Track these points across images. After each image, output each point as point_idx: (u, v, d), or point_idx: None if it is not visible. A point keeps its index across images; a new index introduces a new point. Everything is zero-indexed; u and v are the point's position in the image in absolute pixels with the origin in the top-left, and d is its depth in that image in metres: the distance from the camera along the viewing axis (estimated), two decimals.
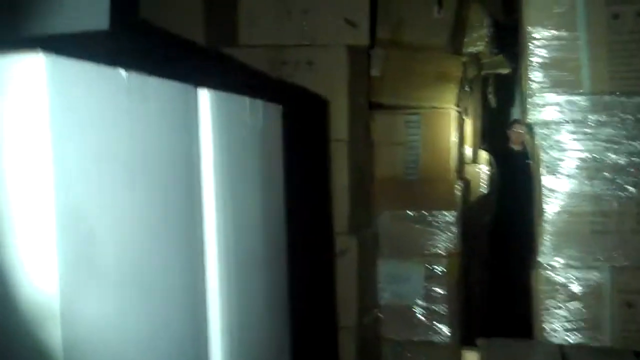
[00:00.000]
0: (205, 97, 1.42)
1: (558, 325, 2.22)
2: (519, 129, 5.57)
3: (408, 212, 3.56)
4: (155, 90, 1.23)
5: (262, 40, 3.18)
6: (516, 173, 4.96)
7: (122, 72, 1.13)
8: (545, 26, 2.16)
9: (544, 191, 2.21)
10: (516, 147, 5.58)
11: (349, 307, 3.24)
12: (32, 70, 0.95)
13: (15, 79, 0.96)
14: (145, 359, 1.18)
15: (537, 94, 2.18)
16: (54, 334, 0.96)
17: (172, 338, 1.29)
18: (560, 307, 2.21)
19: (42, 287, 0.95)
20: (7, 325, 0.98)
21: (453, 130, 3.51)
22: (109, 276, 1.08)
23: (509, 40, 4.11)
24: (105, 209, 1.07)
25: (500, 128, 5.53)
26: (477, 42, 3.79)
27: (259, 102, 1.67)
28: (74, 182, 0.99)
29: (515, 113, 6.51)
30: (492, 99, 4.60)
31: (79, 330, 1.00)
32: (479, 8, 3.79)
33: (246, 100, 1.60)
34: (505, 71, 4.17)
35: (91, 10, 1.96)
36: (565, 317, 2.21)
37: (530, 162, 4.95)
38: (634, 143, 2.10)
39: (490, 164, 4.47)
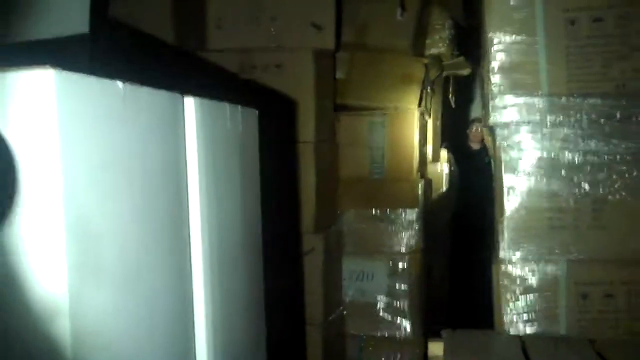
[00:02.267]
0: (190, 104, 1.49)
1: (517, 316, 2.33)
2: (477, 128, 5.72)
3: (372, 210, 3.66)
4: (147, 99, 1.31)
5: (231, 44, 3.25)
6: (475, 171, 5.11)
7: (119, 83, 1.20)
8: (505, 31, 2.26)
9: (504, 189, 2.31)
10: (474, 146, 5.73)
11: (316, 304, 3.33)
12: (41, 83, 1.02)
13: (26, 92, 1.02)
14: (142, 349, 1.26)
15: (497, 96, 2.29)
16: (63, 329, 1.04)
17: (163, 331, 1.37)
18: (519, 300, 2.32)
19: (52, 285, 1.03)
20: (20, 320, 1.05)
21: (416, 130, 3.62)
22: (110, 274, 1.15)
23: (469, 42, 4.25)
24: (108, 212, 1.15)
25: (459, 127, 5.66)
26: (439, 44, 3.89)
27: (237, 108, 1.75)
28: (80, 188, 1.06)
29: (474, 112, 6.67)
30: (452, 99, 4.73)
31: (85, 324, 1.07)
32: (440, 11, 3.89)
33: (226, 106, 1.68)
34: (465, 72, 4.29)
35: (71, 14, 2.02)
36: (524, 308, 2.32)
37: (489, 160, 5.12)
38: (589, 142, 2.21)
39: (450, 162, 4.60)
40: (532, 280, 2.30)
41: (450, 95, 4.69)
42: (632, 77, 2.16)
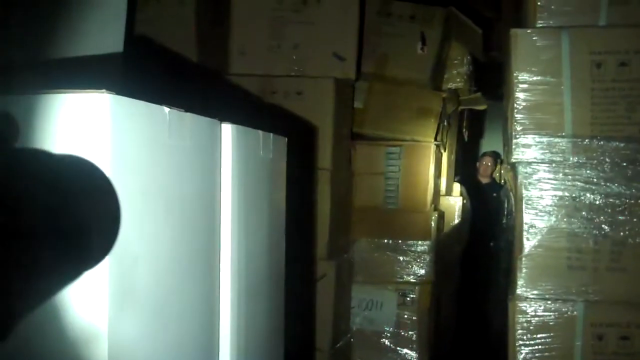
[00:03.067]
0: (227, 130, 1.51)
1: (532, 354, 2.32)
2: (487, 162, 5.75)
3: (384, 240, 3.68)
4: (188, 124, 1.33)
5: (252, 70, 3.29)
6: (484, 205, 5.13)
7: (166, 108, 1.23)
8: (531, 71, 2.28)
9: (525, 227, 2.32)
10: (484, 180, 5.76)
11: (325, 330, 3.33)
12: (97, 107, 1.04)
13: (81, 115, 1.04)
14: None
15: (521, 135, 2.30)
16: (101, 352, 1.05)
17: (189, 357, 1.38)
18: (534, 338, 2.32)
19: (92, 308, 1.04)
20: (58, 344, 1.06)
21: (431, 163, 3.65)
22: (144, 299, 1.17)
23: (487, 78, 4.29)
24: (145, 236, 1.16)
25: (471, 161, 5.69)
26: (457, 79, 3.94)
27: (269, 135, 1.77)
28: (124, 215, 1.08)
29: (483, 146, 6.71)
30: (465, 133, 4.76)
31: (121, 348, 1.08)
32: (460, 46, 3.94)
33: (259, 133, 1.70)
34: (482, 107, 4.33)
35: (106, 33, 2.04)
36: (538, 347, 2.32)
37: (497, 194, 5.13)
38: (610, 185, 2.23)
39: (462, 195, 4.62)
40: (548, 319, 2.30)
41: (464, 129, 4.72)
42: None
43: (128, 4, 2.03)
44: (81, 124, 1.04)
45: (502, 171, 6.52)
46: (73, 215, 1.01)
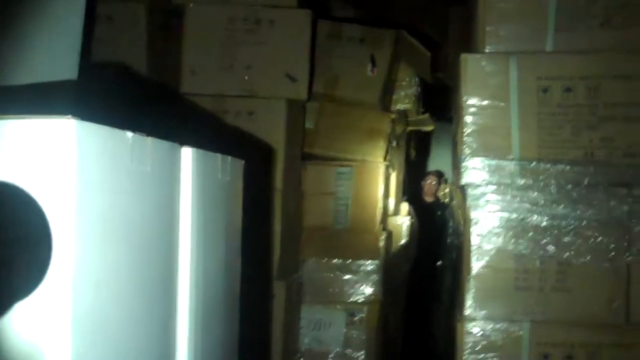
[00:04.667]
0: (187, 155, 1.52)
1: None
2: (431, 182, 5.84)
3: (333, 260, 3.70)
4: (150, 149, 1.33)
5: (204, 90, 3.29)
6: (428, 224, 5.21)
7: (129, 133, 1.23)
8: (480, 96, 2.34)
9: (473, 248, 2.37)
10: (428, 199, 5.84)
11: (275, 351, 3.33)
12: (62, 132, 1.04)
13: (45, 140, 1.04)
14: None
15: (469, 158, 2.36)
16: None
17: None
18: (481, 358, 2.37)
19: (55, 339, 1.03)
20: None
21: (381, 183, 3.69)
22: (108, 325, 1.17)
23: (434, 99, 4.38)
24: (108, 264, 1.16)
25: (417, 180, 5.77)
26: (405, 100, 4.01)
27: (227, 158, 1.78)
28: (88, 238, 1.08)
29: (430, 166, 6.81)
30: (412, 153, 4.83)
31: None
32: (408, 68, 4.02)
33: (218, 157, 1.71)
34: (429, 128, 4.41)
35: (60, 59, 2.03)
36: None
37: (441, 213, 5.21)
38: (556, 207, 2.30)
39: (410, 214, 4.68)
40: (495, 339, 2.35)
41: (411, 150, 4.79)
42: (600, 146, 2.26)
43: (84, 31, 2.03)
44: (46, 149, 1.04)
45: (446, 190, 6.63)
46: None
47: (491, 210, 2.36)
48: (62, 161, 1.04)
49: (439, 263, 5.26)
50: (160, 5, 3.37)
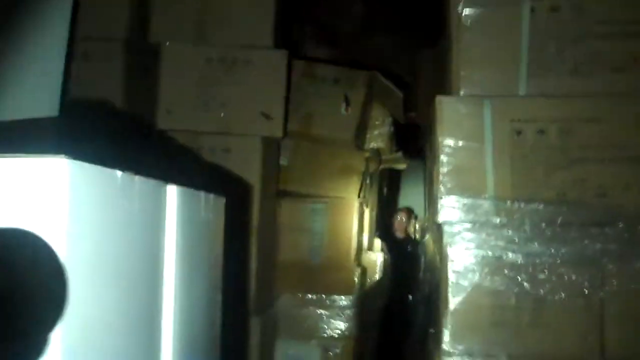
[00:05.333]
0: (172, 192, 1.54)
1: None
2: (401, 218, 5.90)
3: (308, 295, 3.71)
4: (138, 188, 1.34)
5: (179, 126, 3.31)
6: (400, 259, 5.24)
7: (118, 172, 1.24)
8: (455, 137, 2.39)
9: (450, 284, 2.40)
10: (399, 235, 5.89)
11: None
12: (55, 172, 1.05)
13: (37, 180, 1.05)
14: None
15: (445, 196, 2.40)
16: None
17: None
18: None
19: None
20: None
21: (355, 219, 3.73)
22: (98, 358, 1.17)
23: (406, 138, 4.44)
24: (97, 303, 1.17)
25: (388, 217, 5.82)
26: (378, 139, 4.07)
27: (210, 196, 1.80)
28: (79, 278, 1.08)
29: (401, 202, 6.87)
30: (384, 190, 4.88)
31: None
32: (381, 108, 4.08)
33: (202, 194, 1.73)
34: (402, 167, 4.47)
35: (41, 97, 2.04)
36: None
37: (412, 249, 5.24)
38: (531, 245, 2.34)
39: (383, 250, 4.71)
40: None
41: (383, 187, 4.84)
42: (572, 186, 2.31)
43: (65, 68, 2.04)
44: (38, 189, 1.04)
45: (416, 226, 6.69)
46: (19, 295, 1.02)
47: (467, 248, 2.39)
48: (55, 201, 1.04)
49: (410, 298, 5.28)
50: (136, 44, 3.39)
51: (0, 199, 1.05)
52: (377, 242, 4.75)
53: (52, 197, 1.04)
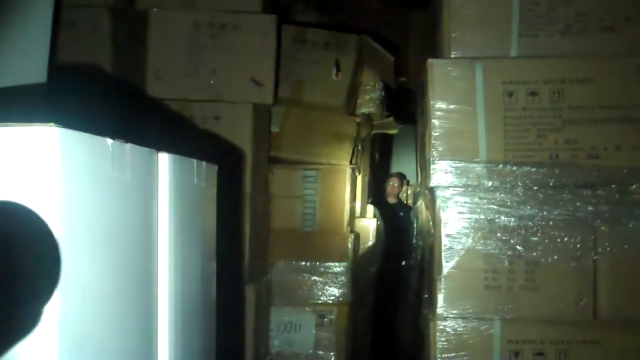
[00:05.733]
0: (164, 160, 1.53)
1: None
2: (394, 183, 5.91)
3: (301, 262, 3.72)
4: (129, 156, 1.33)
5: (169, 94, 3.28)
6: (392, 224, 5.25)
7: (109, 140, 1.23)
8: (447, 100, 2.38)
9: (443, 248, 2.41)
10: (391, 200, 5.90)
11: (245, 354, 3.33)
12: (46, 141, 1.03)
13: (27, 149, 1.04)
14: None
15: (438, 161, 2.40)
16: None
17: None
18: (454, 356, 2.40)
19: (44, 340, 1.03)
20: None
21: (347, 186, 3.72)
22: (94, 332, 1.17)
23: (397, 102, 4.42)
24: (92, 272, 1.16)
25: (380, 182, 5.82)
26: (369, 104, 4.05)
27: (202, 164, 1.79)
28: (73, 246, 1.08)
29: (393, 168, 6.87)
30: (376, 156, 4.88)
31: None
32: (372, 73, 4.06)
33: (194, 162, 1.72)
34: (394, 132, 4.45)
35: (29, 63, 2.02)
36: None
37: (404, 214, 5.25)
38: (523, 208, 2.34)
39: (375, 217, 4.72)
40: (467, 337, 2.39)
41: (375, 152, 4.83)
42: (565, 148, 2.31)
43: (52, 35, 2.01)
44: (28, 158, 1.03)
45: (408, 192, 6.70)
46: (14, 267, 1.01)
47: (460, 212, 2.39)
48: (47, 170, 1.03)
49: (403, 263, 5.31)
50: (124, 11, 3.34)
51: None
52: (370, 208, 4.74)
53: (43, 166, 1.04)
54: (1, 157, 1.04)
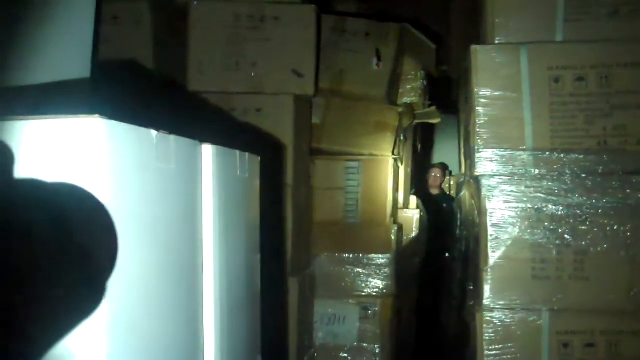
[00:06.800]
0: (207, 152, 1.52)
1: None
2: (436, 173, 5.86)
3: (345, 254, 3.70)
4: (173, 147, 1.33)
5: (210, 87, 3.29)
6: (435, 216, 5.21)
7: (153, 131, 1.23)
8: (492, 87, 2.35)
9: (489, 238, 2.37)
10: (434, 191, 5.85)
11: (289, 346, 3.33)
12: (92, 132, 1.04)
13: (73, 141, 1.04)
14: None
15: (483, 149, 2.36)
16: None
17: None
18: (501, 348, 2.37)
19: (92, 336, 1.03)
20: None
21: (390, 176, 3.69)
22: (140, 326, 1.17)
23: (438, 91, 4.37)
24: (137, 264, 1.16)
25: (423, 173, 5.77)
26: (411, 94, 4.01)
27: (245, 155, 1.78)
28: (121, 239, 1.07)
29: (435, 158, 6.82)
30: (419, 146, 4.84)
31: None
32: (414, 62, 4.01)
33: (237, 153, 1.71)
34: (436, 121, 4.41)
35: (73, 59, 2.03)
36: (505, 356, 2.37)
37: (448, 205, 5.21)
38: (571, 196, 2.30)
39: (419, 208, 4.68)
40: (515, 329, 2.36)
41: (417, 143, 4.79)
42: (613, 134, 2.26)
43: (95, 30, 2.02)
44: (76, 150, 1.03)
45: (451, 182, 6.64)
46: (75, 247, 1.01)
47: (506, 201, 2.36)
48: (93, 162, 1.03)
49: (447, 255, 5.27)
50: (164, 4, 3.36)
51: (34, 159, 1.04)
52: (413, 200, 4.71)
53: (91, 156, 1.04)
54: (50, 147, 1.05)
